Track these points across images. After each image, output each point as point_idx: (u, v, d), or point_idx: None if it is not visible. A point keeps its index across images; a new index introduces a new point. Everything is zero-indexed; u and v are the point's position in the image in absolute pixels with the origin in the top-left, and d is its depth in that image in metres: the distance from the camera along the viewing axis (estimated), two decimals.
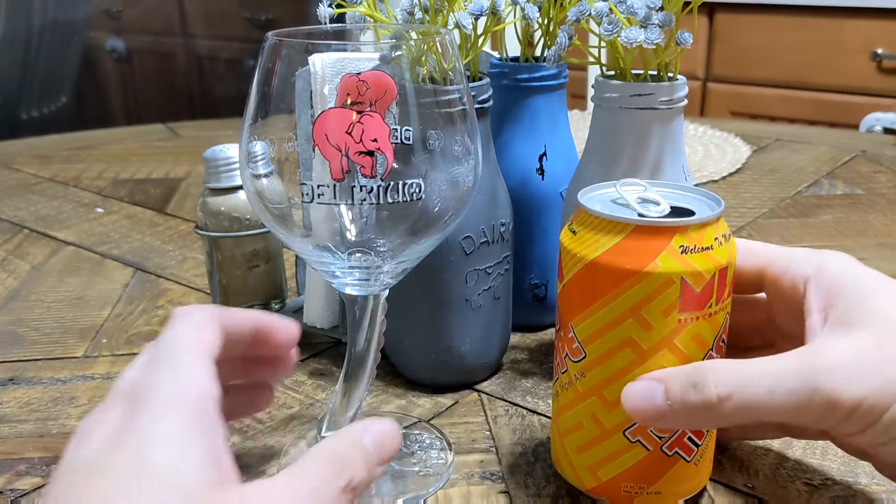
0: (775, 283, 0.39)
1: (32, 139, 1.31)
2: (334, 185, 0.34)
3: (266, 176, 0.36)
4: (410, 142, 0.35)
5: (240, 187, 0.56)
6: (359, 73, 0.34)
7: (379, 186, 0.34)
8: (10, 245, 0.81)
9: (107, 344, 0.60)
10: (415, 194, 0.35)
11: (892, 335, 0.34)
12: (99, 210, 0.92)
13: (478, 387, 0.53)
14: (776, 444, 0.46)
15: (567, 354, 0.38)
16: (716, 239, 0.35)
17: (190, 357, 0.32)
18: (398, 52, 0.36)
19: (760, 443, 0.46)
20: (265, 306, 0.60)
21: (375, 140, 0.34)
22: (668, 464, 0.38)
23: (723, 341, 0.37)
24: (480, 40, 0.47)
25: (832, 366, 0.33)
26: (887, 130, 1.44)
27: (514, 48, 0.56)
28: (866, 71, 1.70)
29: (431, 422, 0.49)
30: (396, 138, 0.35)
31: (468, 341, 0.51)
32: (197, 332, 0.34)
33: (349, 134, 0.33)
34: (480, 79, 0.48)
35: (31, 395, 0.53)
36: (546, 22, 0.52)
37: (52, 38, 2.17)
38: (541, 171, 0.56)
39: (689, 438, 0.38)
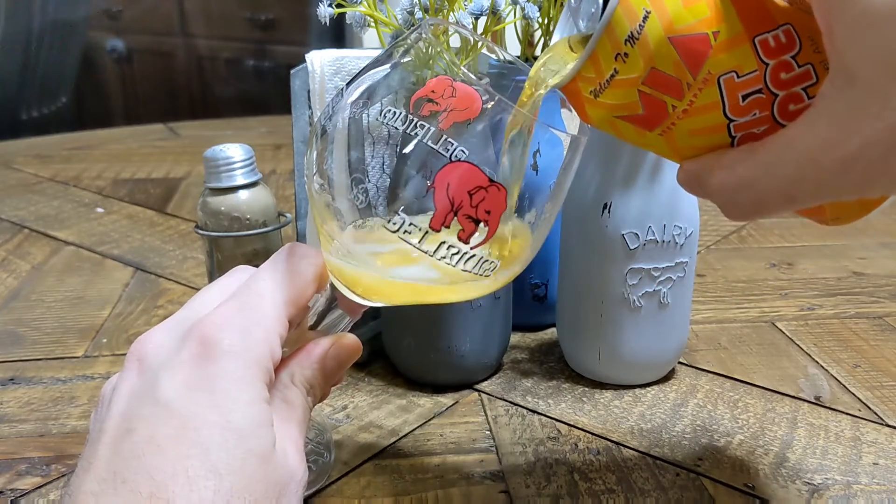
0: None
1: (32, 139, 1.32)
2: (426, 232, 0.32)
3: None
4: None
5: (240, 187, 0.56)
6: (454, 80, 0.33)
7: (464, 254, 0.32)
8: (10, 245, 0.81)
9: (107, 344, 0.60)
10: (486, 272, 0.33)
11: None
12: (99, 210, 0.92)
13: (478, 387, 0.53)
14: (776, 444, 0.46)
15: None
16: None
17: (272, 319, 0.33)
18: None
19: (760, 442, 0.46)
20: None
21: (489, 212, 0.32)
22: None
23: None
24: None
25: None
26: None
27: (514, 48, 0.56)
28: None
29: (430, 423, 0.48)
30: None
31: (468, 341, 0.51)
32: (286, 289, 0.34)
33: (470, 194, 0.32)
34: (480, 79, 0.48)
35: (32, 395, 0.53)
36: (546, 21, 0.52)
37: (52, 38, 2.17)
38: (535, 166, 0.56)
39: None
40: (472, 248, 0.32)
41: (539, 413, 0.50)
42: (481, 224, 0.32)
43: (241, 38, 2.58)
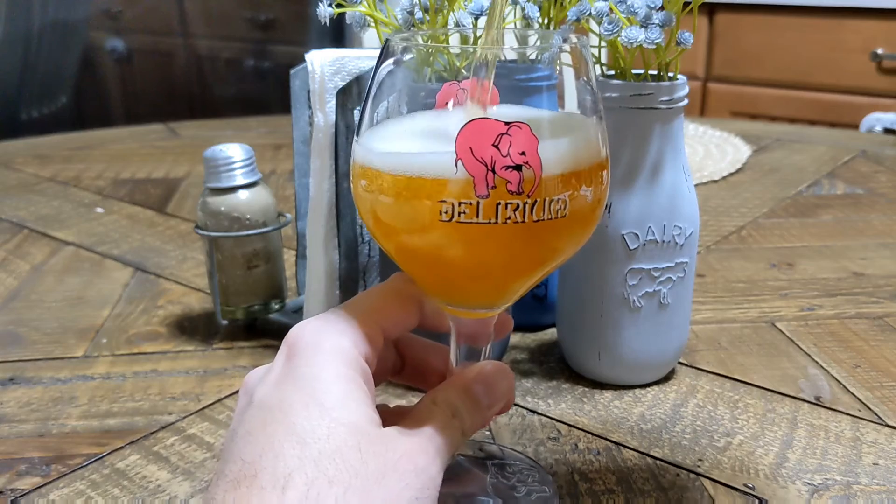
0: None
1: (32, 139, 1.31)
2: (477, 203, 0.31)
3: None
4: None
5: (240, 187, 0.56)
6: (459, 82, 0.32)
7: (525, 204, 0.31)
8: (10, 245, 0.81)
9: (107, 344, 0.60)
10: (559, 211, 0.32)
11: None
12: (99, 210, 0.92)
13: None
14: (776, 444, 0.46)
15: None
16: None
17: (354, 319, 0.34)
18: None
19: (760, 442, 0.46)
20: (265, 306, 0.60)
21: (523, 153, 0.31)
22: None
23: None
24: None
25: None
26: (887, 130, 1.44)
27: None
28: (866, 71, 1.70)
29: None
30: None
31: None
32: (376, 297, 0.35)
33: (496, 146, 0.31)
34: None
35: (31, 395, 0.53)
36: (546, 22, 0.52)
37: (52, 38, 2.17)
38: None
39: None
40: (529, 196, 0.31)
41: (539, 413, 0.50)
42: (523, 168, 0.31)
43: (241, 38, 2.58)
